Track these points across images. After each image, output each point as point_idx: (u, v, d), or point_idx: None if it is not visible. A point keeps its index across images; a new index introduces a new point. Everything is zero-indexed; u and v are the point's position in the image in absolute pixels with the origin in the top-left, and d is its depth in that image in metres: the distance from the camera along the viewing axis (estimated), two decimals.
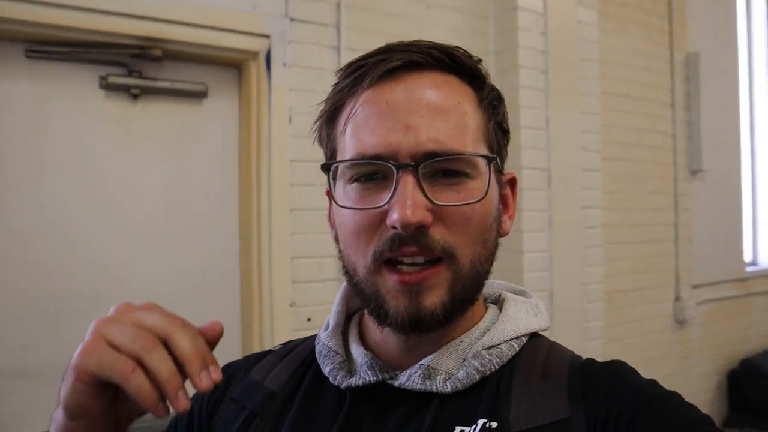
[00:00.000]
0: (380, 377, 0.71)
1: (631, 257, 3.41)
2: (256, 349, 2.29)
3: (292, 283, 2.35)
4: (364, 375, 0.71)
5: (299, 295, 2.37)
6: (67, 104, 2.09)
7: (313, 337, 0.84)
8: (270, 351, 0.87)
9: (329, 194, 0.74)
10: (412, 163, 0.64)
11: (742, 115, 4.23)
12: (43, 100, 2.05)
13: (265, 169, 2.31)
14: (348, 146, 0.68)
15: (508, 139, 0.76)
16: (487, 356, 0.70)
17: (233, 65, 2.38)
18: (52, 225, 2.05)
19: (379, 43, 0.73)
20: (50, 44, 2.03)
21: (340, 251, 0.72)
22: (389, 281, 0.66)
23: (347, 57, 2.44)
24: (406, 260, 0.65)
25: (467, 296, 0.68)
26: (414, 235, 0.63)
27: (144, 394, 0.52)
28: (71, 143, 2.09)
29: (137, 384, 0.52)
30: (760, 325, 4.28)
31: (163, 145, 2.26)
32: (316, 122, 0.75)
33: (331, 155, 0.73)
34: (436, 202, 0.64)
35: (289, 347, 0.86)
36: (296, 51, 2.38)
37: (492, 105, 0.72)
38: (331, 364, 0.75)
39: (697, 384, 3.82)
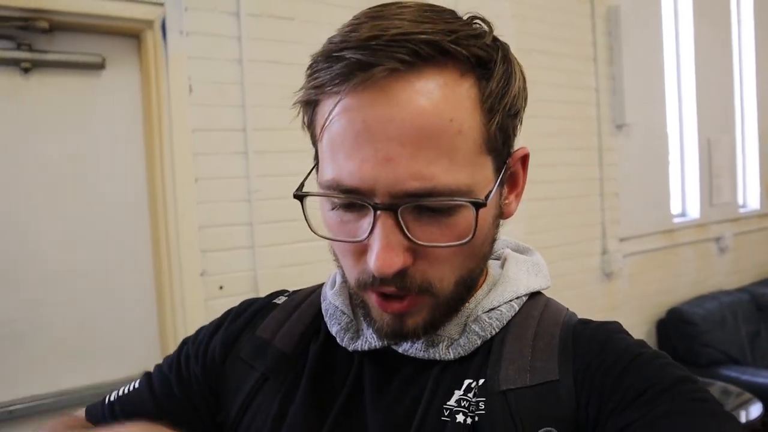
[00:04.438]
0: (385, 342, 0.70)
1: (555, 213, 3.44)
2: (170, 321, 2.32)
3: (202, 252, 2.35)
4: (370, 339, 0.72)
5: (210, 264, 2.37)
6: None
7: (320, 289, 0.83)
8: (271, 302, 0.85)
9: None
10: (390, 205, 0.58)
11: (667, 68, 4.24)
12: None
13: (167, 139, 2.29)
14: (326, 166, 0.62)
15: (521, 117, 0.68)
16: (486, 320, 0.69)
17: (131, 35, 2.33)
18: None
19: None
20: None
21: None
22: (373, 300, 0.65)
23: (248, 23, 2.41)
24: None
25: (451, 310, 0.68)
26: (393, 277, 0.61)
27: None
28: None
29: None
30: (687, 275, 4.35)
31: (63, 119, 2.22)
32: (294, 104, 0.67)
33: (315, 154, 0.68)
34: (417, 242, 0.60)
35: (296, 301, 0.84)
36: (194, 18, 2.34)
37: (500, 96, 0.62)
38: (338, 324, 0.75)
39: None
